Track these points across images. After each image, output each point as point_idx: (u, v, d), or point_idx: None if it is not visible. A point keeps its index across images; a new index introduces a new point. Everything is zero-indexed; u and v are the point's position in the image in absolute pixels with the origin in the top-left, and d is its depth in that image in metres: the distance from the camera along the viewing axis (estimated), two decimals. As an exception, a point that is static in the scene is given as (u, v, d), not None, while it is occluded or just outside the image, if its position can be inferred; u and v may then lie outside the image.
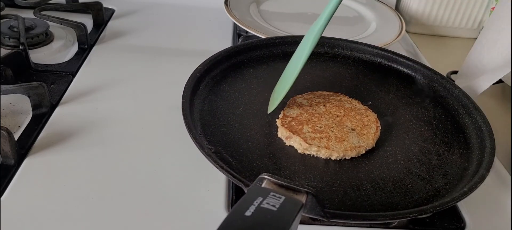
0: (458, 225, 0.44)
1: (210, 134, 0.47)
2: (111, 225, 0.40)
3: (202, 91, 0.53)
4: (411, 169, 0.46)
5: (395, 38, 0.73)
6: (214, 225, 0.26)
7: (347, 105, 0.52)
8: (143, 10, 0.81)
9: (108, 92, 0.57)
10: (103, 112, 0.54)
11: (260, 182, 0.31)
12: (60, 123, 0.51)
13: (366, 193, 0.43)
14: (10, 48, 0.64)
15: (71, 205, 0.42)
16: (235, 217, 0.27)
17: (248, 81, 0.57)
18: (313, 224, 0.42)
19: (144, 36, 0.73)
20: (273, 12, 0.82)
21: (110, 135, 0.50)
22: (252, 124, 0.50)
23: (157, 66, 0.64)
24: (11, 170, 0.44)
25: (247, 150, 0.46)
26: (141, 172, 0.46)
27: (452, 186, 0.44)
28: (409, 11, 0.87)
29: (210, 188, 0.45)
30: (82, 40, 0.67)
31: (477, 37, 0.65)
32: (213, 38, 0.74)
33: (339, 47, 0.64)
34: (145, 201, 0.43)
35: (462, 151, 0.49)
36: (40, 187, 0.43)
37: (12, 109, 0.53)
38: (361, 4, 0.87)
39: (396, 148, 0.48)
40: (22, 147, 0.47)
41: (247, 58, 0.60)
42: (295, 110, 0.50)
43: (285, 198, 0.29)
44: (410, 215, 0.39)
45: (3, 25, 0.67)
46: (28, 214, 0.40)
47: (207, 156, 0.41)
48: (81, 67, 0.62)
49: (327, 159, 0.46)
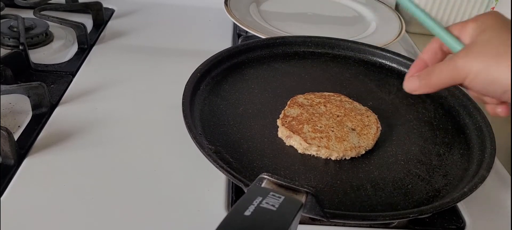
0: (458, 225, 0.44)
1: (210, 134, 0.47)
2: (111, 225, 0.40)
3: (202, 91, 0.53)
4: (411, 170, 0.46)
5: (395, 38, 0.73)
6: (214, 225, 0.26)
7: (348, 105, 0.52)
8: (143, 10, 0.81)
9: (108, 92, 0.57)
10: (103, 112, 0.54)
11: (260, 182, 0.31)
12: (60, 123, 0.51)
13: (366, 193, 0.42)
14: (10, 48, 0.64)
15: (71, 205, 0.42)
16: (235, 217, 0.27)
17: (248, 81, 0.57)
18: (313, 224, 0.42)
19: (144, 36, 0.73)
20: (273, 12, 0.82)
21: (110, 135, 0.50)
22: (252, 124, 0.50)
23: (157, 66, 0.64)
24: (11, 170, 0.44)
25: (247, 150, 0.46)
26: (141, 172, 0.46)
27: (452, 186, 0.44)
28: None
29: (210, 188, 0.45)
30: (82, 40, 0.67)
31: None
32: (213, 38, 0.74)
33: (340, 48, 0.64)
34: (145, 201, 0.43)
35: (462, 151, 0.49)
36: (40, 187, 0.43)
37: (12, 109, 0.53)
38: (361, 4, 0.87)
39: (397, 149, 0.48)
40: (22, 147, 0.47)
41: (248, 58, 0.60)
42: (296, 109, 0.50)
43: (284, 198, 0.29)
44: (410, 215, 0.39)
45: (3, 25, 0.67)
46: (28, 214, 0.40)
47: (207, 156, 0.41)
48: (81, 67, 0.62)
49: (327, 159, 0.46)
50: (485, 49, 0.35)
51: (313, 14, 0.83)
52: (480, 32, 0.37)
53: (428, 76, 0.39)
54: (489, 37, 0.36)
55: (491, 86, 0.35)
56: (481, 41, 0.36)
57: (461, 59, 0.36)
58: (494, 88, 0.35)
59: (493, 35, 0.36)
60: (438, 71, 0.38)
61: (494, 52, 0.35)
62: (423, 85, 0.39)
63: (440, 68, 0.38)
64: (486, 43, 0.35)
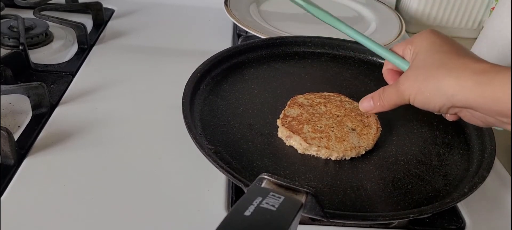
0: (458, 225, 0.44)
1: (210, 134, 0.47)
2: (111, 225, 0.40)
3: (202, 91, 0.53)
4: (411, 170, 0.46)
5: (395, 38, 0.73)
6: (214, 225, 0.26)
7: (348, 106, 0.52)
8: (143, 10, 0.81)
9: (108, 92, 0.57)
10: (103, 112, 0.54)
11: (260, 182, 0.31)
12: (60, 123, 0.51)
13: (366, 193, 0.42)
14: (10, 48, 0.64)
15: (71, 205, 0.42)
16: (235, 217, 0.27)
17: (248, 81, 0.57)
18: (313, 224, 0.42)
19: (144, 36, 0.73)
20: (273, 12, 0.82)
21: (110, 135, 0.50)
22: (252, 124, 0.50)
23: (157, 66, 0.64)
24: (11, 170, 0.44)
25: (247, 150, 0.46)
26: (141, 172, 0.46)
27: (452, 186, 0.44)
28: (409, 11, 0.87)
29: (210, 188, 0.45)
30: (82, 40, 0.67)
31: (477, 37, 0.65)
32: (213, 38, 0.74)
33: (340, 48, 0.64)
34: (145, 201, 0.43)
35: (462, 151, 0.49)
36: (40, 187, 0.43)
37: (12, 109, 0.53)
38: (361, 4, 0.87)
39: (397, 149, 0.48)
40: (22, 147, 0.47)
41: (248, 58, 0.60)
42: (296, 110, 0.50)
43: (284, 198, 0.29)
44: (410, 215, 0.39)
45: (3, 25, 0.67)
46: (28, 214, 0.40)
47: (207, 156, 0.41)
48: (81, 67, 0.62)
49: (327, 159, 0.46)
50: (418, 74, 0.40)
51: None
52: (415, 56, 0.41)
53: (380, 99, 0.45)
54: (421, 60, 0.40)
55: (428, 106, 0.39)
56: (415, 66, 0.41)
57: (402, 85, 0.41)
58: (430, 107, 0.40)
59: (424, 58, 0.40)
60: (388, 94, 0.43)
61: (425, 75, 0.39)
62: (378, 107, 0.45)
63: (390, 91, 0.43)
64: (419, 67, 0.40)
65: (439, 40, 0.40)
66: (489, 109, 0.35)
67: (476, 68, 0.36)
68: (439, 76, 0.37)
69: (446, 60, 0.38)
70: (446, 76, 0.37)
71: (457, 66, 0.37)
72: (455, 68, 0.37)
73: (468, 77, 0.36)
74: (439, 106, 0.38)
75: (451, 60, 0.38)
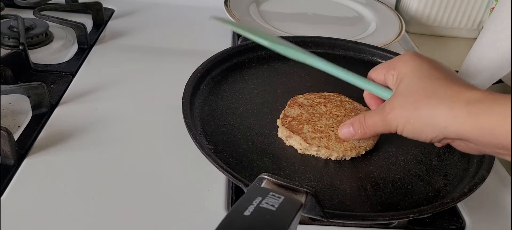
0: (458, 225, 0.44)
1: (210, 134, 0.47)
2: (111, 225, 0.40)
3: (202, 91, 0.53)
4: (411, 170, 0.46)
5: (395, 38, 0.73)
6: (214, 225, 0.26)
7: (348, 106, 0.52)
8: (143, 10, 0.81)
9: (107, 92, 0.57)
10: (103, 112, 0.54)
11: (260, 182, 0.31)
12: (60, 123, 0.51)
13: (366, 193, 0.43)
14: (10, 48, 0.64)
15: (71, 205, 0.42)
16: (234, 217, 0.27)
17: (248, 81, 0.57)
18: (313, 224, 0.42)
19: (144, 36, 0.73)
20: (273, 12, 0.82)
21: (110, 135, 0.50)
22: (252, 124, 0.50)
23: (157, 66, 0.64)
24: (11, 170, 0.44)
25: (247, 150, 0.46)
26: (141, 172, 0.46)
27: (452, 186, 0.44)
28: (409, 11, 0.87)
29: (210, 188, 0.45)
30: (81, 40, 0.67)
31: (477, 37, 0.65)
32: (213, 38, 0.74)
33: (340, 48, 0.64)
34: (145, 201, 0.43)
35: (462, 152, 0.49)
36: (40, 187, 0.43)
37: (12, 109, 0.53)
38: (361, 4, 0.87)
39: (396, 149, 0.48)
40: (22, 147, 0.47)
41: (248, 59, 0.60)
42: (296, 110, 0.50)
43: (284, 198, 0.29)
44: (410, 215, 0.39)
45: (3, 25, 0.67)
46: (28, 214, 0.40)
47: (207, 156, 0.41)
48: (81, 67, 0.62)
49: (327, 159, 0.46)
50: (405, 102, 0.36)
51: (313, 14, 0.83)
52: (399, 82, 0.38)
53: (361, 126, 0.41)
54: (407, 87, 0.37)
55: (419, 137, 0.36)
56: (400, 93, 0.37)
57: (388, 114, 0.37)
58: (421, 138, 0.37)
59: (410, 84, 0.37)
60: (372, 122, 0.40)
61: (414, 105, 0.36)
62: (359, 134, 0.41)
63: (374, 119, 0.39)
64: (405, 94, 0.37)
65: (426, 65, 0.37)
66: (486, 142, 0.33)
67: (469, 98, 0.33)
68: (430, 106, 0.34)
69: (436, 88, 0.35)
70: (437, 106, 0.34)
71: (449, 95, 0.34)
72: (446, 98, 0.34)
73: (461, 108, 0.33)
74: (430, 137, 0.36)
75: (441, 88, 0.35)
